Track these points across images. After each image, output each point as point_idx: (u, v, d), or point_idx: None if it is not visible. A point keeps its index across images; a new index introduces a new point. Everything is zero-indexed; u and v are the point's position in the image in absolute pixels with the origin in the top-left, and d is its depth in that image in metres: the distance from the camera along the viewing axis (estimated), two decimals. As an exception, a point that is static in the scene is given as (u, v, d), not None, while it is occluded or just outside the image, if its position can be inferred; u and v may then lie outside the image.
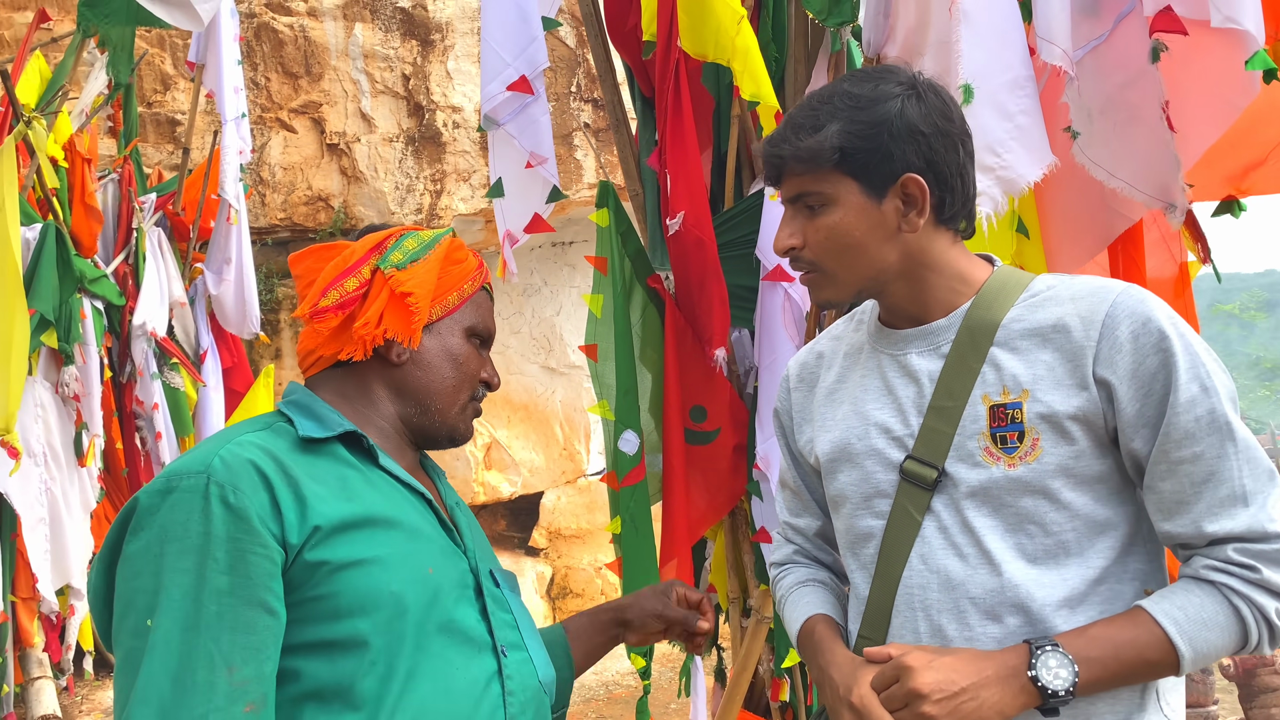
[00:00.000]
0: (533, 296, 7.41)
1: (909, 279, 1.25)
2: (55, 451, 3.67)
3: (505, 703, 1.15)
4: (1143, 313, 1.15)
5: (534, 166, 2.37)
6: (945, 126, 1.21)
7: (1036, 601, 1.16)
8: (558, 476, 7.39)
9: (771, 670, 2.48)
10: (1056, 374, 1.17)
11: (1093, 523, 1.18)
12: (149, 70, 6.18)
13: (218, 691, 0.98)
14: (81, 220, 4.00)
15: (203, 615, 1.00)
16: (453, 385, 1.27)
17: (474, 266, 1.32)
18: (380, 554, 1.08)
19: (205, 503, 1.02)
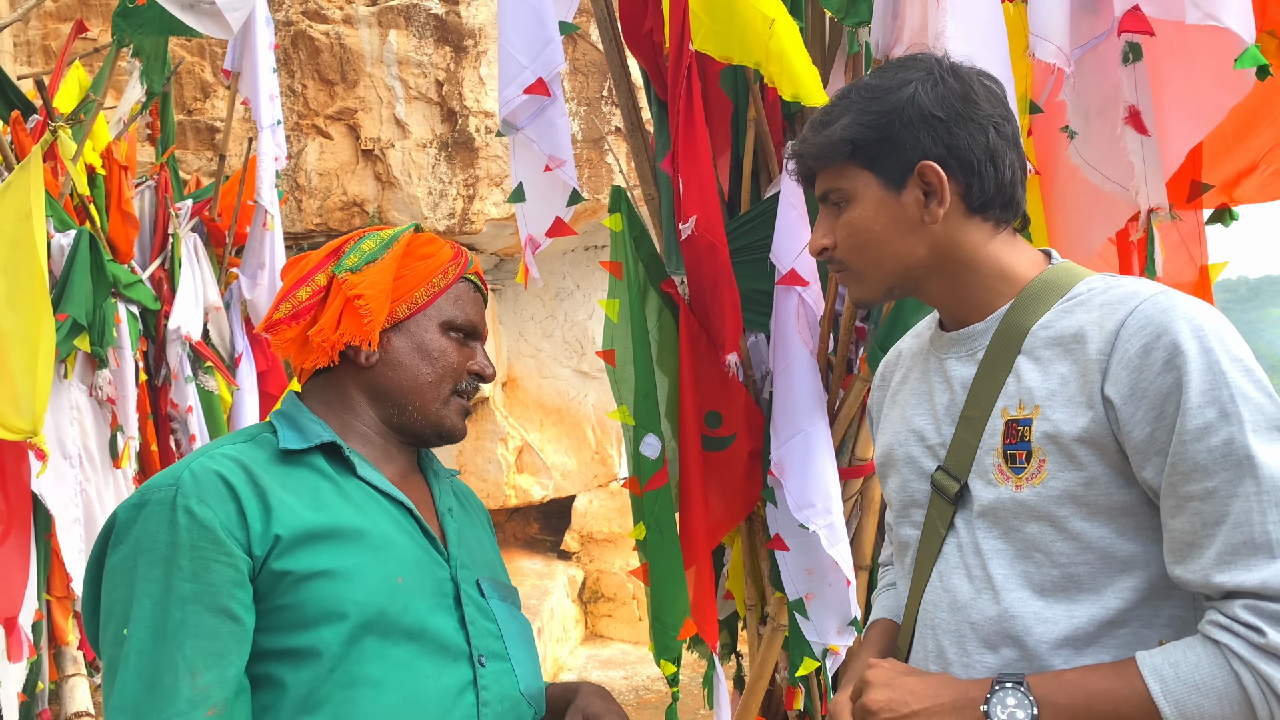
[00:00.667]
0: (565, 300, 7.43)
1: (944, 276, 1.18)
2: (90, 453, 3.75)
3: (479, 713, 1.14)
4: (1160, 324, 1.01)
5: (553, 169, 2.35)
6: (966, 110, 1.13)
7: (1033, 636, 1.08)
8: (590, 480, 7.40)
9: (787, 678, 2.46)
10: (1069, 390, 1.07)
11: (1111, 558, 1.06)
12: (189, 78, 6.30)
13: (181, 696, 1.01)
14: (119, 226, 4.08)
15: (169, 622, 1.03)
16: (428, 382, 1.25)
17: (446, 259, 1.30)
18: (344, 565, 1.09)
19: (172, 514, 1.05)
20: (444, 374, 1.27)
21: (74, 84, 4.11)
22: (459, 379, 1.28)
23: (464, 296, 1.31)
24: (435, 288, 1.28)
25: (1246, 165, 1.78)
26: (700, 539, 2.35)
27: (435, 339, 1.27)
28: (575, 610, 7.17)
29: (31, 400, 2.46)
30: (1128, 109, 1.57)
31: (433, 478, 1.34)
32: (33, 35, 6.31)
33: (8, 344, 2.43)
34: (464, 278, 1.32)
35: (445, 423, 1.28)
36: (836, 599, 2.23)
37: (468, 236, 6.54)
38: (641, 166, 2.56)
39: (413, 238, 1.30)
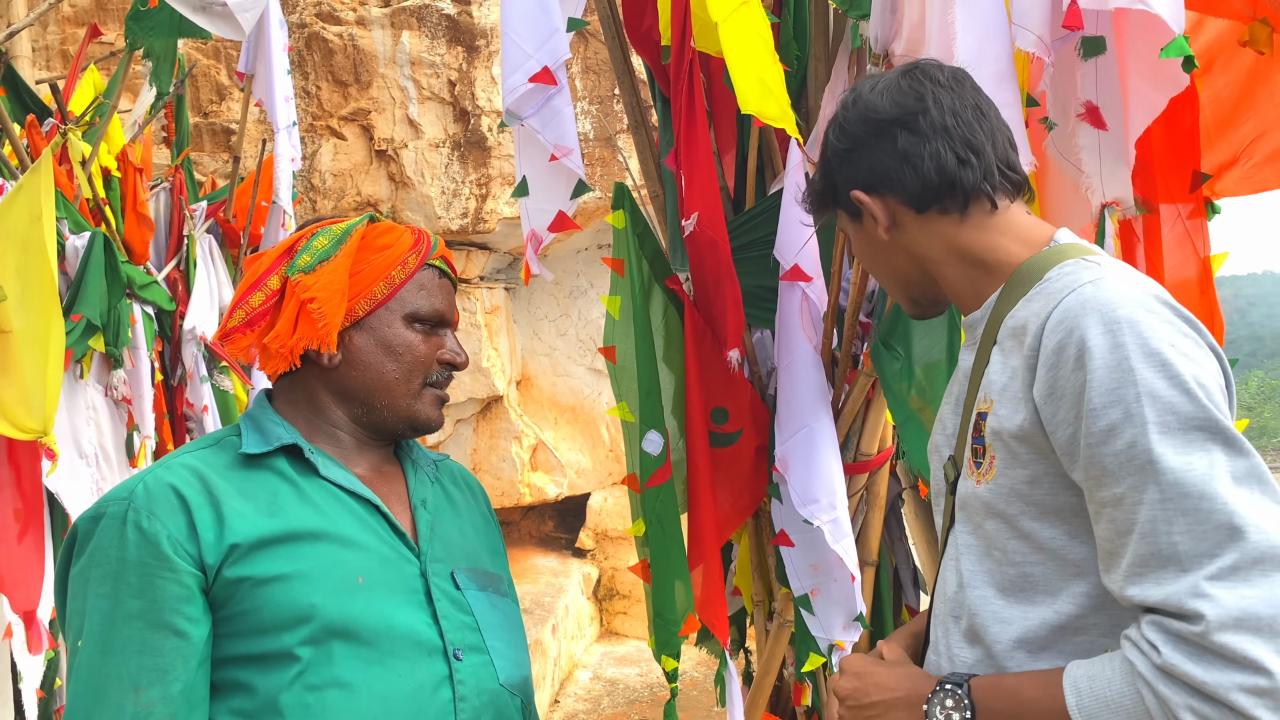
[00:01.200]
0: (579, 299, 7.44)
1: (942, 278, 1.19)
2: (107, 453, 3.79)
3: (456, 707, 1.14)
4: (1073, 319, 0.96)
5: (559, 159, 2.31)
6: (865, 130, 1.17)
7: (990, 634, 1.07)
8: (604, 478, 7.41)
9: (795, 674, 2.46)
10: (1015, 384, 1.04)
11: (1064, 561, 1.02)
12: (204, 81, 6.35)
13: (125, 713, 1.02)
14: (134, 228, 4.12)
15: (115, 638, 1.04)
16: (395, 378, 1.23)
17: (405, 248, 1.25)
18: (300, 568, 1.09)
19: (123, 529, 1.06)
20: (412, 368, 1.24)
21: (89, 87, 4.15)
22: (429, 371, 1.25)
23: (428, 285, 1.27)
24: (395, 280, 1.24)
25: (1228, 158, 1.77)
26: (709, 536, 2.35)
27: (399, 333, 1.24)
28: (590, 607, 7.18)
29: (42, 400, 2.49)
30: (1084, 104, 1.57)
31: (410, 468, 1.32)
32: (51, 40, 6.38)
33: (20, 345, 2.46)
34: (428, 265, 1.27)
35: (419, 416, 1.26)
36: (842, 594, 2.23)
37: (481, 235, 6.56)
38: (646, 163, 2.57)
39: (368, 229, 1.26)
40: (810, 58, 2.39)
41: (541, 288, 7.46)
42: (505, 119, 2.34)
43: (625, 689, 6.25)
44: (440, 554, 1.24)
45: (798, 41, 2.37)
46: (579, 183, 2.36)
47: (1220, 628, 0.85)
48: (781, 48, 2.36)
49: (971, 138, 1.14)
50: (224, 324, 1.23)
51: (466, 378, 6.65)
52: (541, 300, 7.47)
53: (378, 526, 1.19)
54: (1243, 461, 0.90)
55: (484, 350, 6.70)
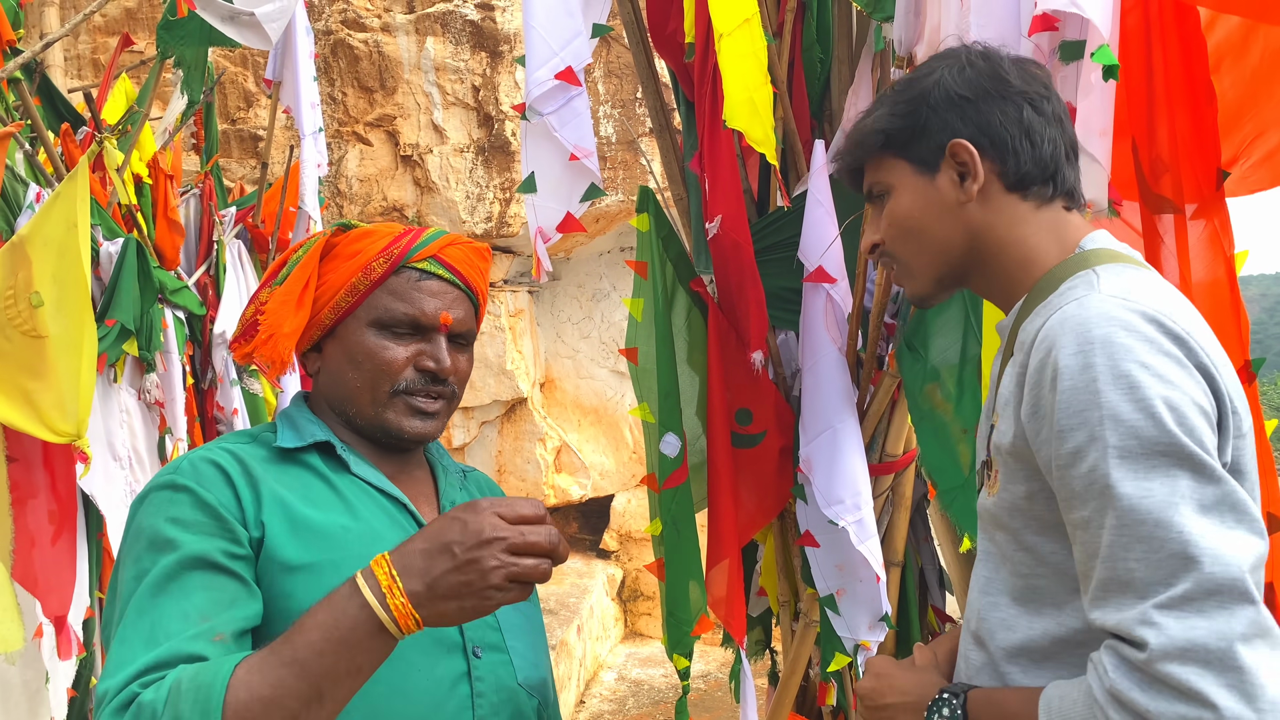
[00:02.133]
0: (601, 301, 7.47)
1: (981, 266, 1.17)
2: (140, 455, 3.85)
3: (474, 704, 1.15)
4: (1052, 338, 0.96)
5: (579, 159, 2.31)
6: (995, 88, 1.13)
7: (995, 640, 1.08)
8: (628, 480, 7.43)
9: (821, 674, 2.46)
10: (1013, 400, 1.04)
11: (1065, 576, 1.02)
12: (232, 88, 6.43)
13: (190, 625, 1.00)
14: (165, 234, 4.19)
15: (174, 582, 1.03)
16: (357, 386, 1.21)
17: (374, 253, 1.22)
18: (329, 558, 1.10)
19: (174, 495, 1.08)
20: (374, 376, 1.20)
21: (121, 96, 4.22)
22: (395, 378, 1.21)
23: (401, 289, 1.22)
24: (359, 287, 1.21)
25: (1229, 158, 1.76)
26: (730, 536, 2.36)
27: (360, 340, 1.21)
28: (615, 609, 7.20)
29: (75, 404, 2.54)
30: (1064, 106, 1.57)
31: (440, 472, 1.34)
32: (82, 49, 6.49)
33: (55, 349, 2.50)
34: (409, 267, 1.23)
35: (389, 425, 1.22)
36: (867, 595, 2.24)
37: (504, 239, 6.60)
38: (670, 167, 2.58)
39: (338, 238, 1.24)
40: (833, 60, 2.40)
41: (564, 290, 7.49)
42: (526, 113, 2.35)
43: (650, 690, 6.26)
44: None
45: (820, 44, 2.38)
46: (591, 186, 2.36)
47: (1164, 657, 0.83)
48: (805, 50, 2.38)
49: (1074, 140, 1.17)
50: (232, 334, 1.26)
51: (491, 380, 6.69)
52: (565, 303, 7.50)
53: (406, 524, 1.20)
54: (1212, 489, 0.88)
55: (508, 353, 6.73)
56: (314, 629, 0.94)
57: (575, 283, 7.50)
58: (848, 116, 2.33)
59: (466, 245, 1.30)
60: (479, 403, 6.75)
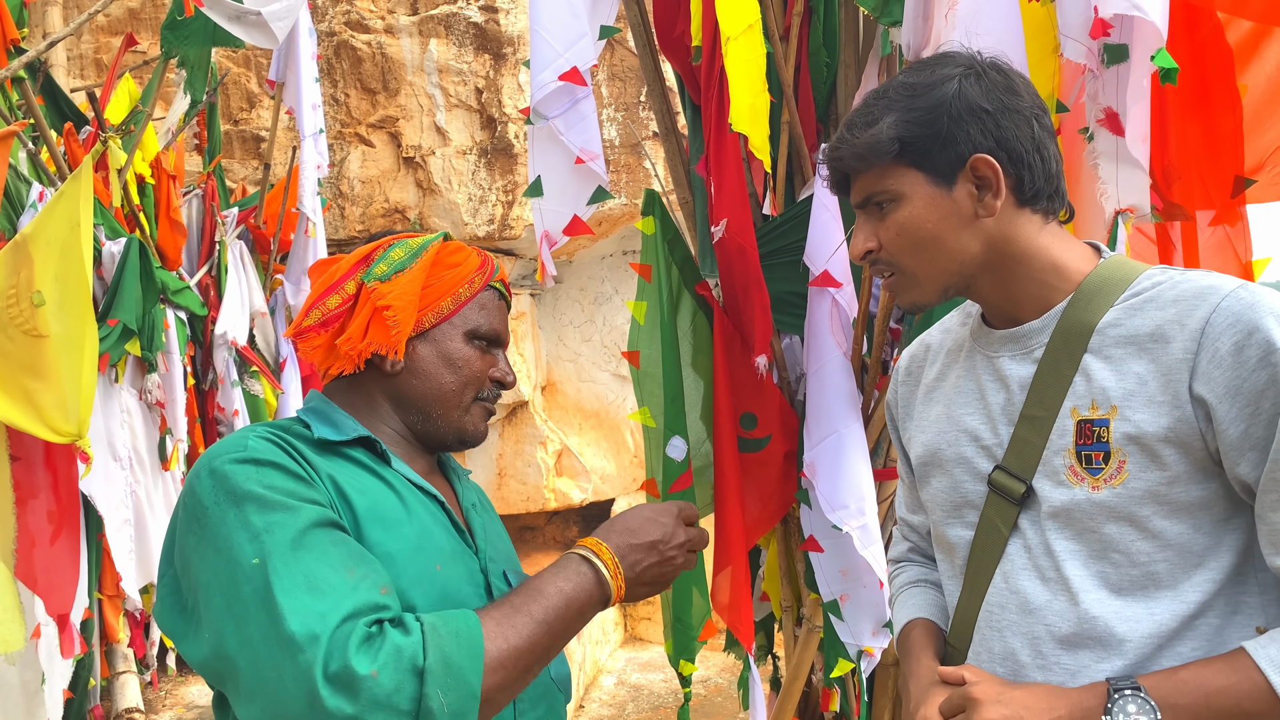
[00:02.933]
0: (604, 305, 7.46)
1: (996, 272, 1.16)
2: (140, 456, 3.85)
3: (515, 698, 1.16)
4: (1249, 320, 1.01)
5: (585, 162, 2.32)
6: (1011, 102, 1.13)
7: (1117, 636, 1.08)
8: (629, 484, 7.42)
9: (823, 680, 2.45)
10: (1149, 389, 1.06)
11: (1188, 553, 1.06)
12: (235, 89, 6.43)
13: (347, 582, 1.00)
14: (167, 234, 4.19)
15: (306, 543, 1.01)
16: (452, 390, 1.27)
17: (473, 268, 1.30)
18: (391, 549, 1.11)
19: (259, 470, 1.06)
20: (467, 382, 1.27)
21: (124, 96, 4.22)
22: (481, 386, 1.29)
23: (489, 305, 1.31)
24: (461, 297, 1.28)
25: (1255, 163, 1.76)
26: (736, 540, 2.35)
27: (459, 348, 1.27)
28: (614, 613, 7.18)
29: (77, 403, 2.53)
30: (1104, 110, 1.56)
31: (453, 475, 1.37)
32: (85, 49, 6.48)
33: (57, 349, 2.50)
34: (489, 286, 1.32)
35: (468, 429, 1.29)
36: (870, 601, 2.23)
37: (507, 242, 6.59)
38: (676, 170, 2.58)
39: (442, 247, 1.30)
40: (840, 64, 2.39)
41: (566, 294, 7.48)
42: (531, 116, 2.34)
43: (650, 695, 6.25)
44: (493, 554, 1.28)
45: (827, 48, 2.38)
46: (598, 189, 2.36)
47: None
48: (811, 54, 2.37)
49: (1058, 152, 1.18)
50: (298, 322, 1.26)
51: (492, 383, 6.67)
52: (567, 306, 7.49)
53: (444, 521, 1.23)
54: None
55: (510, 356, 6.73)
56: (557, 595, 1.10)
57: (577, 286, 7.49)
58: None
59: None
60: (480, 405, 6.74)
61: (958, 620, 1.23)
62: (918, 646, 1.28)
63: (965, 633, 1.22)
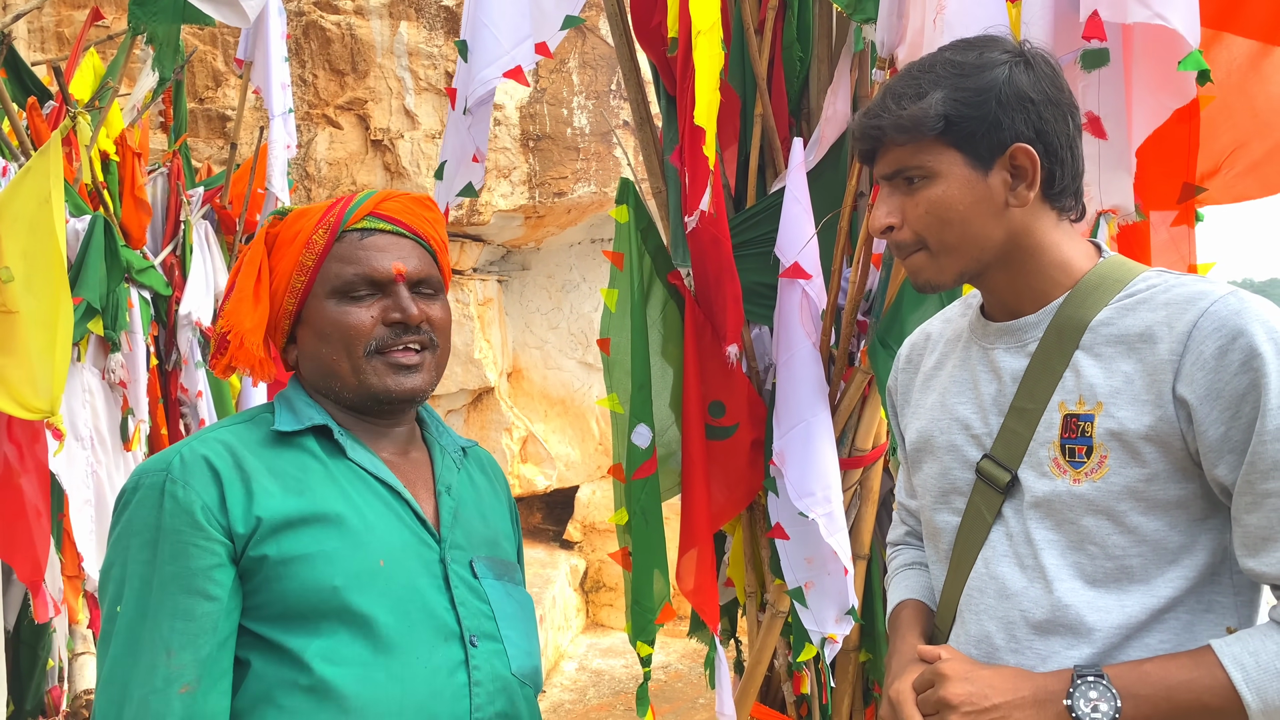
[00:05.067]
0: (571, 293, 7.47)
1: (1009, 263, 1.18)
2: (102, 436, 3.80)
3: (471, 691, 1.16)
4: (1234, 326, 1.03)
5: (479, 162, 2.50)
6: (1056, 95, 1.14)
7: (1087, 624, 1.10)
8: (593, 471, 7.45)
9: (788, 664, 2.50)
10: (1135, 388, 1.08)
11: (1163, 550, 1.09)
12: (201, 67, 6.34)
13: (157, 674, 1.06)
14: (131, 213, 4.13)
15: (150, 603, 1.08)
16: (332, 361, 1.21)
17: (310, 228, 1.22)
18: (324, 549, 1.12)
19: (160, 498, 1.10)
20: (345, 343, 1.20)
21: (89, 71, 4.15)
22: (365, 339, 1.20)
23: (347, 253, 1.21)
24: (307, 264, 1.21)
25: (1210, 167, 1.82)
26: (701, 524, 2.39)
27: (325, 314, 1.21)
28: (577, 599, 7.21)
29: (49, 381, 2.51)
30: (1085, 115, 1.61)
31: (437, 453, 1.33)
32: (46, 22, 6.36)
33: (26, 325, 2.47)
34: (348, 230, 1.22)
35: (374, 388, 1.21)
36: (835, 588, 2.27)
37: (475, 228, 6.57)
38: (650, 160, 2.60)
39: (277, 227, 1.25)
40: (813, 59, 2.42)
41: (534, 280, 7.48)
42: (469, 105, 2.44)
43: (611, 680, 6.29)
44: (460, 541, 1.25)
45: (801, 43, 2.41)
46: (469, 184, 2.57)
47: None
48: (785, 49, 2.40)
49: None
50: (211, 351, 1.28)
51: (459, 369, 6.67)
52: (533, 293, 7.49)
53: (401, 511, 1.21)
54: None
55: (476, 342, 6.72)
56: None
57: (545, 273, 7.49)
58: (825, 116, 2.36)
59: (405, 196, 1.29)
60: (445, 391, 6.73)
61: (943, 603, 1.27)
62: (905, 626, 1.32)
63: (948, 615, 1.25)
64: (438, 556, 1.21)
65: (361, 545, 1.14)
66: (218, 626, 1.08)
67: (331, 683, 1.08)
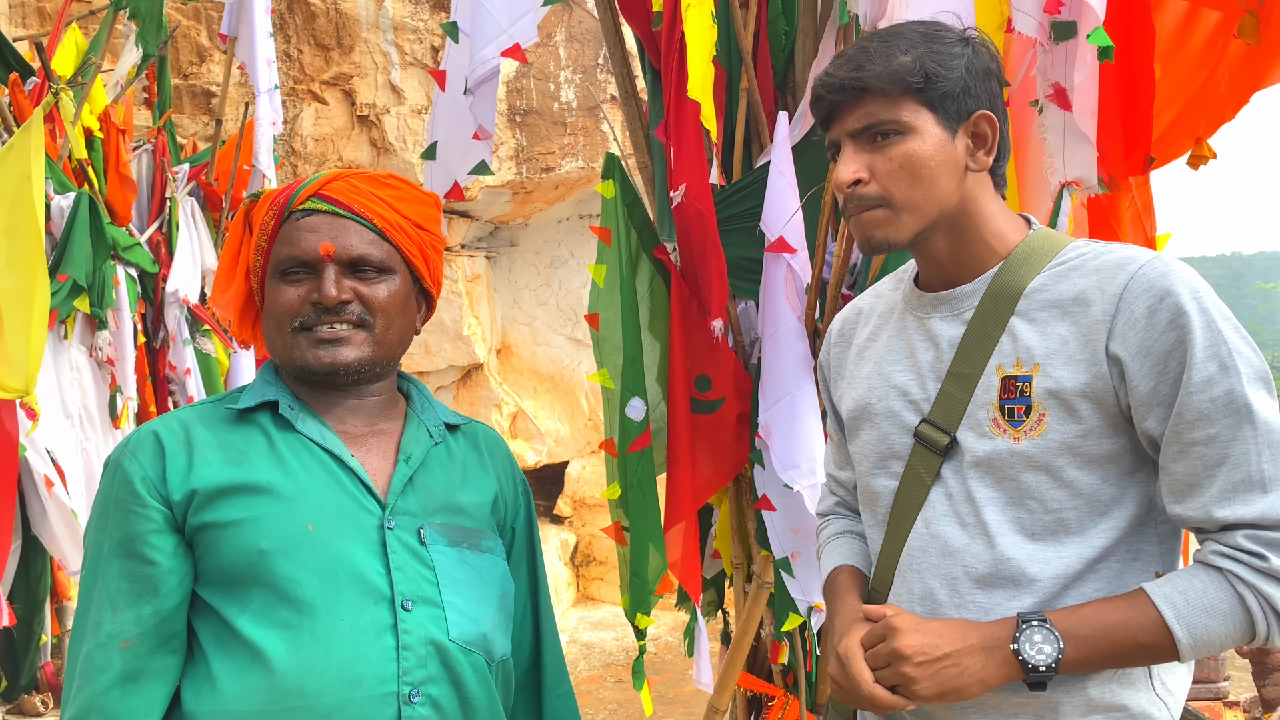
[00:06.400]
0: (560, 269, 7.46)
1: (955, 228, 1.23)
2: (90, 413, 3.80)
3: (399, 655, 1.17)
4: (1162, 286, 1.10)
5: (481, 139, 2.46)
6: (999, 74, 1.24)
7: (1028, 576, 1.16)
8: (583, 446, 7.47)
9: (772, 634, 2.53)
10: (1070, 348, 1.15)
11: (1096, 502, 1.16)
12: (184, 42, 6.28)
13: (102, 630, 1.15)
14: (116, 189, 4.11)
15: (100, 565, 1.18)
16: (273, 335, 1.29)
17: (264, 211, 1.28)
18: (252, 515, 1.18)
19: (114, 470, 1.21)
20: (277, 320, 1.26)
21: (71, 46, 4.11)
22: (293, 316, 1.24)
23: (287, 234, 1.25)
24: (262, 246, 1.27)
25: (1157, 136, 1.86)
26: (686, 498, 2.41)
27: (268, 294, 1.27)
28: (567, 574, 7.26)
29: (25, 360, 2.51)
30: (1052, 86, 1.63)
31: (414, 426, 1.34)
32: (27, -4, 6.29)
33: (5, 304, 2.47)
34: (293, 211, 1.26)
35: (299, 362, 1.25)
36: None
37: (463, 204, 6.56)
38: (635, 134, 2.60)
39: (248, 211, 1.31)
40: (798, 32, 2.42)
41: (522, 257, 7.47)
42: (469, 85, 2.43)
43: (601, 652, 6.35)
44: (411, 508, 1.26)
45: (786, 17, 2.41)
46: (481, 161, 2.52)
47: None
48: (770, 22, 2.40)
49: None
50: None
51: (448, 345, 6.67)
52: (522, 269, 7.48)
53: (344, 479, 1.23)
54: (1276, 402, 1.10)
55: (465, 318, 6.71)
56: None
57: (533, 249, 7.48)
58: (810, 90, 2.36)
59: (358, 175, 1.29)
60: (435, 367, 6.74)
61: (880, 565, 1.31)
62: (843, 589, 1.36)
63: (887, 576, 1.29)
64: (377, 522, 1.22)
65: (290, 511, 1.19)
66: (158, 589, 1.16)
67: (258, 644, 1.13)
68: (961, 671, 1.12)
